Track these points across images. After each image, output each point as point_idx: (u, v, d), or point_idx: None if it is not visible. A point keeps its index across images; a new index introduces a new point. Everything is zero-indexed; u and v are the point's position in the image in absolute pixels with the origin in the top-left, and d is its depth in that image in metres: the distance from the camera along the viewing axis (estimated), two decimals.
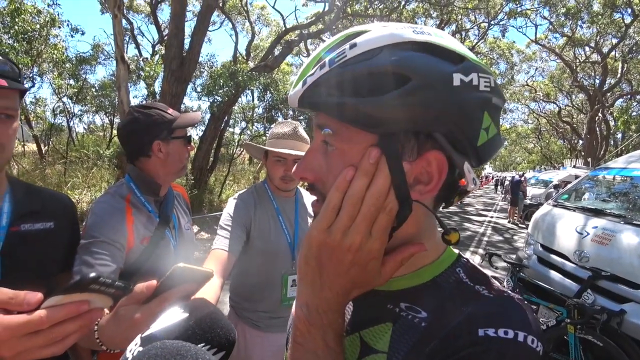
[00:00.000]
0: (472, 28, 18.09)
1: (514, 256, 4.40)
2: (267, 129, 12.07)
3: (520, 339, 0.38)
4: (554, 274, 3.27)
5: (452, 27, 17.59)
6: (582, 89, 20.56)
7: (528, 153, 43.68)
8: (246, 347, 1.48)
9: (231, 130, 14.90)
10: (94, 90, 13.47)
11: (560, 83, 23.60)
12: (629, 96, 20.34)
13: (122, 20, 6.57)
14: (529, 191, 13.31)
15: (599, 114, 19.31)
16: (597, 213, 3.31)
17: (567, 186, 5.07)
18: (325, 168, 0.45)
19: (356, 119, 0.40)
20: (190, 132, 1.33)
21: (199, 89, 11.96)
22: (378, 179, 0.40)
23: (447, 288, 0.47)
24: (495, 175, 44.12)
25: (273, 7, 16.10)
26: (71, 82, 11.88)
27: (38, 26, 8.49)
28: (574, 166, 14.15)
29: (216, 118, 9.48)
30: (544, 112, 29.50)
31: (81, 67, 12.49)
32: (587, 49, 19.96)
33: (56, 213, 0.99)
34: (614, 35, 17.50)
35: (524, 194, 12.10)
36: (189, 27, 8.94)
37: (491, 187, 37.09)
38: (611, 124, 20.08)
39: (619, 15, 16.28)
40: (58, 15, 9.10)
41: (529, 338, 0.39)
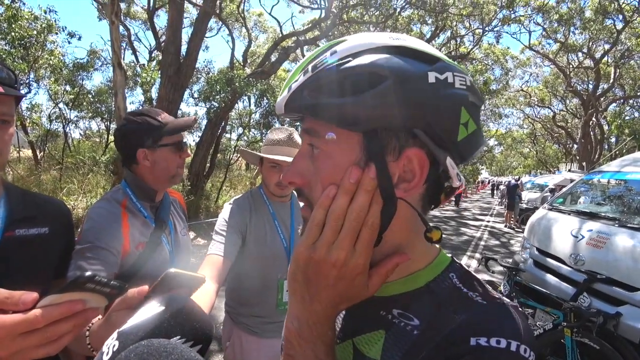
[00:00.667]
0: (467, 34, 18.28)
1: (510, 260, 4.41)
2: (263, 135, 12.08)
3: (512, 348, 0.38)
4: (550, 277, 3.28)
5: (447, 34, 17.78)
6: (576, 94, 20.78)
7: (524, 157, 43.90)
8: (242, 352, 1.47)
9: (228, 136, 14.93)
10: (90, 96, 13.45)
11: (554, 88, 23.84)
12: (621, 100, 20.59)
13: (120, 26, 6.59)
14: (524, 195, 13.37)
15: (593, 119, 19.50)
16: (592, 216, 3.33)
17: (562, 190, 5.11)
18: (313, 171, 0.46)
19: (338, 118, 0.41)
20: (186, 137, 1.32)
21: (196, 95, 12.00)
22: (359, 196, 0.42)
23: (440, 294, 0.47)
24: (491, 180, 44.33)
25: (270, 13, 16.30)
26: (67, 88, 11.86)
27: (35, 32, 8.50)
28: (569, 170, 14.25)
29: (213, 124, 9.48)
30: (538, 117, 29.74)
31: (78, 73, 12.50)
32: (580, 54, 20.20)
33: (51, 218, 0.98)
34: (606, 41, 17.74)
35: (520, 197, 12.15)
36: (186, 34, 9.01)
37: (488, 192, 37.24)
38: (605, 128, 20.28)
39: (611, 21, 16.53)
40: (55, 21, 9.11)
41: (522, 347, 0.39)
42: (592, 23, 16.51)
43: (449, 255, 0.53)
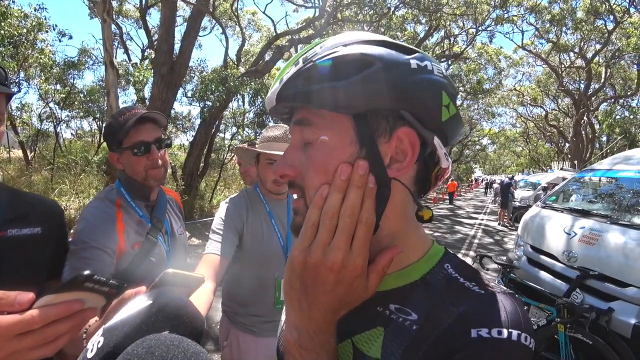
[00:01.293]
0: (461, 34, 18.42)
1: (504, 258, 4.45)
2: (258, 134, 12.03)
3: (514, 337, 0.39)
4: (543, 274, 3.31)
5: (441, 33, 17.88)
6: (567, 94, 21.03)
7: (517, 156, 44.36)
8: (240, 352, 1.46)
9: (222, 135, 14.84)
10: (82, 95, 13.28)
11: (546, 87, 24.10)
12: (612, 100, 20.86)
13: (111, 24, 6.51)
14: (517, 193, 13.50)
15: (585, 118, 19.75)
16: (584, 214, 3.37)
17: (554, 188, 5.16)
18: (305, 162, 0.46)
19: (330, 101, 0.43)
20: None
21: (189, 94, 11.90)
22: (350, 193, 0.42)
23: (436, 286, 0.47)
24: (485, 179, 44.68)
25: (264, 12, 16.27)
26: (58, 87, 11.69)
27: (25, 30, 8.37)
28: (561, 168, 14.39)
29: (207, 123, 9.42)
30: (531, 116, 30.05)
31: (69, 72, 12.31)
32: (571, 54, 20.44)
33: (44, 218, 0.97)
34: (597, 41, 17.99)
35: (513, 196, 12.26)
36: (179, 32, 8.92)
37: (481, 190, 37.54)
38: (596, 127, 20.53)
39: (602, 22, 16.76)
40: (45, 19, 8.99)
41: (522, 336, 0.39)
42: (583, 23, 16.73)
43: (442, 246, 0.53)
